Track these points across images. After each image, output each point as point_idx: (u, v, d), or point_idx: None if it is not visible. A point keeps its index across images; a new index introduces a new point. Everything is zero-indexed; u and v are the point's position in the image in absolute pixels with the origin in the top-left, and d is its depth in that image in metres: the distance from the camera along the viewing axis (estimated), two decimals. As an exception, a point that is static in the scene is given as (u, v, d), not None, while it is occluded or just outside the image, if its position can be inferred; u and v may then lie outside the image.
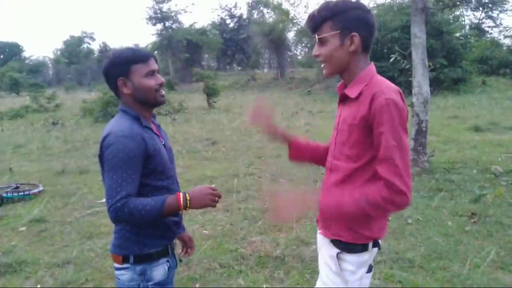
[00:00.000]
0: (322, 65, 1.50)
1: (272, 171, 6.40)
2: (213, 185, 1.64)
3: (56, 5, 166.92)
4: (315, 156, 1.77)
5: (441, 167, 5.92)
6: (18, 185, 5.79)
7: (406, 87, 13.79)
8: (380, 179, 1.34)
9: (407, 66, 6.31)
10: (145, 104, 1.64)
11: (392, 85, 1.42)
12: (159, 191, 1.61)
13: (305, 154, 1.78)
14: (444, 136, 8.57)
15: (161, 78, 1.65)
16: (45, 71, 67.71)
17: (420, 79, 5.70)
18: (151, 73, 1.61)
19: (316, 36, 1.46)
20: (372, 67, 1.48)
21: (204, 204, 1.58)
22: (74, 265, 3.46)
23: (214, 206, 1.62)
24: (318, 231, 1.65)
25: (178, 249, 1.89)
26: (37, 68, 63.69)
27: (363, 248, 1.48)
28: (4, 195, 5.26)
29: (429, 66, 5.91)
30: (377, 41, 19.08)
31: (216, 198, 1.60)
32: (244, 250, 3.60)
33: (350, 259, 1.48)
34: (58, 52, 69.13)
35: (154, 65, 1.63)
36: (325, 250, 1.57)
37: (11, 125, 14.63)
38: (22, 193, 5.42)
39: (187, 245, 1.93)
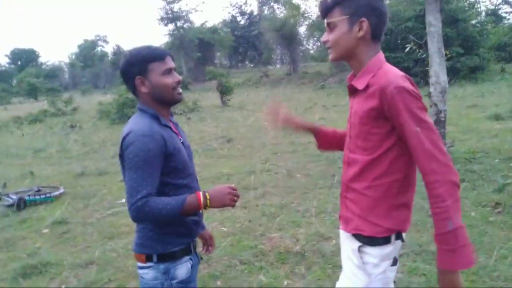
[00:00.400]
0: (329, 50, 1.48)
1: (288, 166, 6.37)
2: (232, 185, 1.63)
3: (70, 11, 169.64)
4: (342, 145, 1.75)
5: (462, 157, 5.80)
6: (39, 188, 5.91)
7: (422, 77, 13.57)
8: (420, 169, 1.33)
9: (423, 56, 6.19)
10: (163, 102, 1.64)
11: (398, 72, 1.39)
12: (180, 189, 1.61)
13: (334, 142, 1.77)
14: (463, 126, 8.39)
15: (178, 76, 1.65)
16: (61, 75, 69.17)
17: (437, 68, 5.58)
18: (168, 71, 1.61)
19: (325, 21, 1.45)
20: (380, 55, 1.45)
21: (224, 203, 1.58)
22: (97, 265, 3.51)
23: (234, 206, 1.62)
24: (340, 227, 1.63)
25: (199, 247, 1.90)
26: (53, 73, 65.16)
27: (385, 241, 1.45)
28: (27, 198, 5.37)
29: (445, 55, 5.78)
30: (390, 31, 18.80)
31: (236, 198, 1.60)
32: (264, 246, 3.59)
33: (373, 252, 1.45)
34: (73, 56, 70.49)
35: (171, 63, 1.63)
36: (347, 244, 1.55)
37: (31, 129, 14.95)
38: (43, 196, 5.53)
39: (208, 243, 1.93)
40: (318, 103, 15.47)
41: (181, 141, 1.70)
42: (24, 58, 75.49)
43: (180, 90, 1.66)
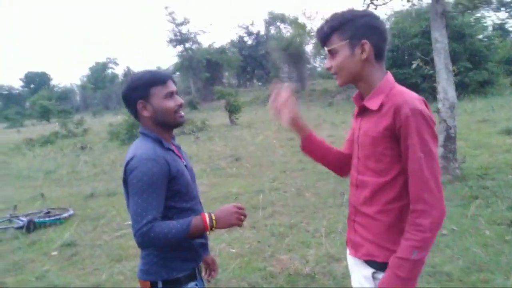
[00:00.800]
0: (335, 76, 1.47)
1: (297, 185, 6.32)
2: (239, 204, 1.61)
3: (81, 34, 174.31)
4: (326, 158, 1.70)
5: (473, 173, 5.69)
6: (49, 210, 5.93)
7: (430, 93, 13.51)
8: (411, 195, 1.32)
9: (430, 72, 6.16)
10: (165, 126, 1.64)
11: (414, 94, 1.37)
12: (184, 212, 1.59)
13: (317, 151, 1.69)
14: (474, 141, 8.27)
15: (180, 99, 1.65)
16: (73, 97, 70.42)
17: (445, 84, 5.55)
18: (170, 95, 1.61)
19: (326, 49, 1.43)
20: (390, 76, 1.43)
21: (230, 223, 1.56)
22: (104, 288, 3.48)
23: (241, 225, 1.60)
24: (348, 252, 1.58)
25: (202, 271, 1.86)
26: (65, 95, 66.40)
27: None
28: (36, 220, 5.38)
29: (453, 70, 5.75)
30: (397, 48, 18.85)
31: (242, 217, 1.58)
32: (273, 268, 3.53)
33: (386, 278, 1.40)
34: (85, 79, 71.76)
35: (172, 87, 1.63)
36: (358, 270, 1.50)
37: (42, 151, 15.13)
38: (53, 218, 5.54)
39: (210, 267, 1.90)
40: (327, 120, 15.43)
41: (184, 163, 1.69)
42: (37, 81, 77.21)
43: (182, 113, 1.66)
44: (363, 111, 1.48)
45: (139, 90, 1.59)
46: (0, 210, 6.48)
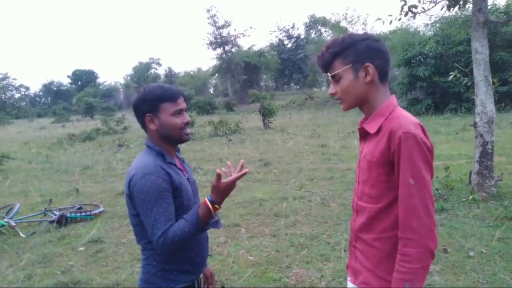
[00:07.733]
0: (339, 101, 1.45)
1: (323, 194, 6.22)
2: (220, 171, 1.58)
3: (127, 34, 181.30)
4: None
5: (511, 192, 5.37)
6: (81, 205, 6.18)
7: (474, 103, 12.90)
8: (399, 222, 1.27)
9: (469, 83, 5.89)
10: (170, 141, 1.67)
11: (412, 118, 1.33)
12: None
13: None
14: (517, 157, 7.81)
15: (187, 117, 1.68)
16: (116, 95, 73.19)
17: (484, 97, 5.28)
18: (179, 112, 1.64)
19: (329, 75, 1.42)
20: (393, 99, 1.40)
21: (228, 192, 1.59)
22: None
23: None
24: (348, 278, 1.54)
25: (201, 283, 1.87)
26: (109, 93, 69.21)
27: None
28: (68, 215, 5.63)
29: (493, 82, 5.46)
30: (440, 55, 18.16)
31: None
32: (288, 280, 3.49)
33: (379, 308, 1.36)
34: (128, 78, 74.33)
35: (182, 104, 1.66)
36: (352, 298, 1.47)
37: (82, 147, 15.81)
38: (84, 214, 5.77)
39: (208, 281, 1.90)
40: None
41: (186, 177, 1.71)
42: (84, 79, 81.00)
43: (188, 131, 1.69)
44: (365, 135, 1.45)
45: (148, 103, 1.63)
46: (37, 203, 6.83)
